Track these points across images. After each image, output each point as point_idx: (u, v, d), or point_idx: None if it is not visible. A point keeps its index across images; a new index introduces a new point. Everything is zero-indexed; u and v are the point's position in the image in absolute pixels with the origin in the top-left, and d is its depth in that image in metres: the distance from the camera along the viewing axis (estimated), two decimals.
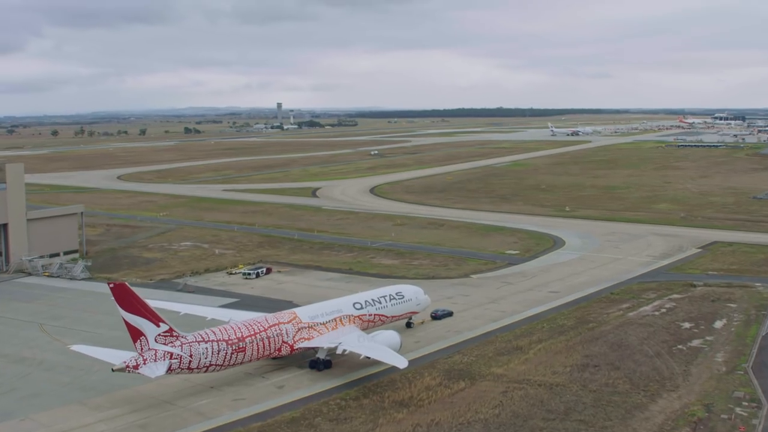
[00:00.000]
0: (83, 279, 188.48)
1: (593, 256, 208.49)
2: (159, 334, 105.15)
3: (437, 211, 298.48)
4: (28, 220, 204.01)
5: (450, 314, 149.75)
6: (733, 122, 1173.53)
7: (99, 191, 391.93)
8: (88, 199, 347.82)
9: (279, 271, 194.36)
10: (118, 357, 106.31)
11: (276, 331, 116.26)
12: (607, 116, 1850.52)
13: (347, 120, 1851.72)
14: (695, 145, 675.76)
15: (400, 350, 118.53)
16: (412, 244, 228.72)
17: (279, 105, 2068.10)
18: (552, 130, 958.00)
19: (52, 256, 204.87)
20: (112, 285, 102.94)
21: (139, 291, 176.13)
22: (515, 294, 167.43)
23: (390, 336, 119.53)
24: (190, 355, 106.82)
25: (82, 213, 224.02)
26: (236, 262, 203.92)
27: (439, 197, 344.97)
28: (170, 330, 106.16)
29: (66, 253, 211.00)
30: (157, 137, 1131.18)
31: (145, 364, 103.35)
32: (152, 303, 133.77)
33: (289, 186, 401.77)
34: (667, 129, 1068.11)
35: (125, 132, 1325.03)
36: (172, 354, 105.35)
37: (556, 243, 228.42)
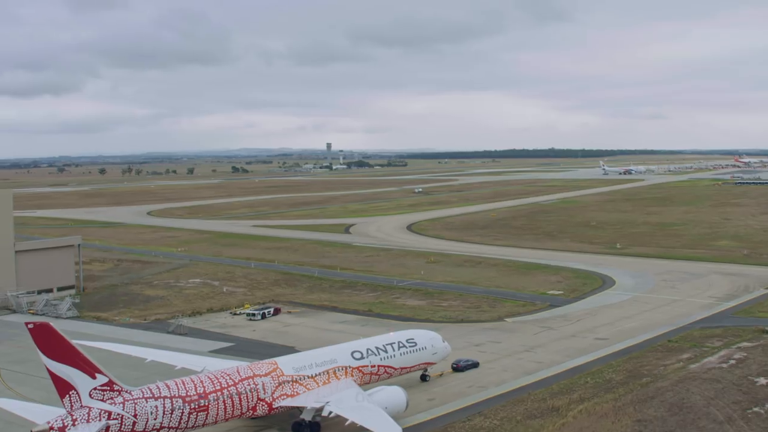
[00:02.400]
0: (69, 318, 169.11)
1: (647, 297, 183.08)
2: (95, 388, 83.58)
3: (476, 248, 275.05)
4: (16, 251, 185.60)
5: (475, 365, 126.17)
6: None
7: (123, 226, 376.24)
8: (109, 234, 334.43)
9: (289, 312, 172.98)
10: (45, 414, 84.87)
11: (249, 385, 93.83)
12: (661, 157, 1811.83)
13: (397, 161, 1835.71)
14: (753, 183, 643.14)
15: (406, 411, 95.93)
16: (443, 283, 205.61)
17: (328, 145, 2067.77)
18: (604, 169, 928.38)
19: (44, 291, 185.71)
20: (31, 326, 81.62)
21: (127, 332, 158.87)
22: (555, 341, 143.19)
23: (392, 394, 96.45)
24: (135, 415, 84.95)
25: (79, 245, 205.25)
26: (246, 302, 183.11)
27: (481, 234, 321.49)
28: (110, 383, 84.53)
29: (60, 289, 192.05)
30: (204, 176, 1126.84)
31: (74, 425, 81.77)
32: (114, 347, 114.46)
33: (323, 222, 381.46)
34: (722, 168, 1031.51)
35: (174, 171, 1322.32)
36: (110, 413, 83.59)
37: (605, 282, 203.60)
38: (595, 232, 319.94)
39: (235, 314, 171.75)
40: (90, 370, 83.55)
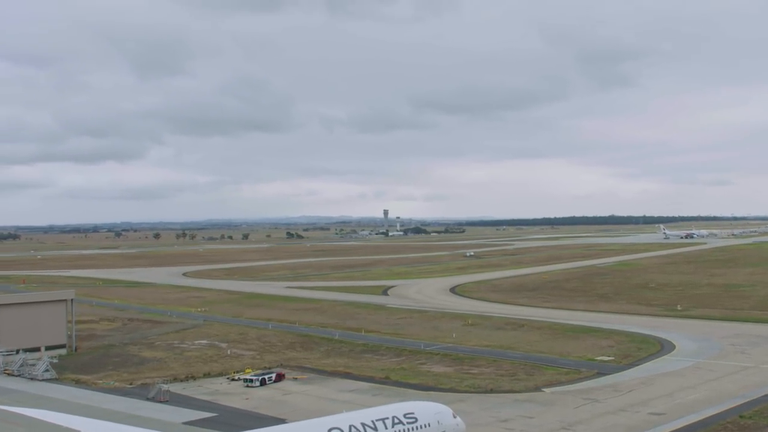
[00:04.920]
0: (45, 380, 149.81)
1: (712, 364, 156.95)
2: None
3: (521, 311, 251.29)
4: None
5: None
6: None
7: (152, 285, 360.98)
8: (134, 293, 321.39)
9: (294, 378, 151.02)
10: None
11: None
12: (725, 222, 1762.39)
13: (455, 227, 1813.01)
14: None
15: None
16: (476, 347, 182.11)
17: (385, 212, 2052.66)
18: (665, 233, 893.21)
19: (30, 351, 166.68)
20: None
21: (101, 398, 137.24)
22: (600, 416, 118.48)
23: None
24: None
25: (72, 300, 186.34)
26: (251, 365, 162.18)
27: (529, 296, 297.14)
28: None
29: (49, 348, 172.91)
30: (257, 241, 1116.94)
31: None
32: (43, 415, 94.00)
33: (363, 284, 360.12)
34: None
35: (230, 237, 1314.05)
36: None
37: (663, 347, 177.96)
38: (654, 293, 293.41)
39: (233, 380, 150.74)
40: None
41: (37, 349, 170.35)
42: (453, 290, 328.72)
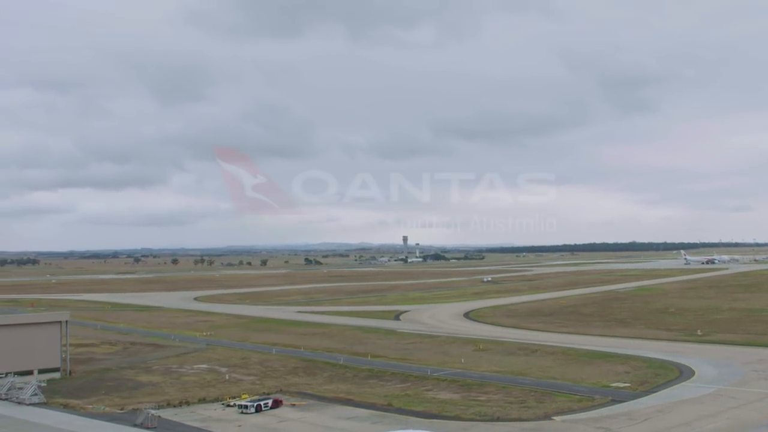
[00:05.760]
0: (33, 404, 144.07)
1: (734, 391, 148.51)
2: None
3: (535, 336, 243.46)
4: None
5: None
6: None
7: (160, 310, 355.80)
8: (141, 317, 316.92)
9: (292, 405, 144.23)
10: None
11: None
12: (747, 248, 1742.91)
13: (474, 254, 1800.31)
14: None
15: None
16: (486, 373, 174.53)
17: (405, 238, 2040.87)
18: (685, 259, 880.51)
19: (22, 374, 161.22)
20: None
21: (87, 423, 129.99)
22: None
23: None
24: None
25: (66, 322, 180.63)
26: (250, 391, 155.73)
27: (545, 321, 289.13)
28: None
29: (42, 372, 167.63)
30: (275, 267, 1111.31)
31: None
32: None
33: (375, 309, 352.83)
34: None
35: (248, 263, 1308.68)
36: None
37: (682, 373, 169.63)
38: (674, 318, 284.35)
39: (228, 406, 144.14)
40: None
41: (30, 373, 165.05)
42: (467, 315, 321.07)
